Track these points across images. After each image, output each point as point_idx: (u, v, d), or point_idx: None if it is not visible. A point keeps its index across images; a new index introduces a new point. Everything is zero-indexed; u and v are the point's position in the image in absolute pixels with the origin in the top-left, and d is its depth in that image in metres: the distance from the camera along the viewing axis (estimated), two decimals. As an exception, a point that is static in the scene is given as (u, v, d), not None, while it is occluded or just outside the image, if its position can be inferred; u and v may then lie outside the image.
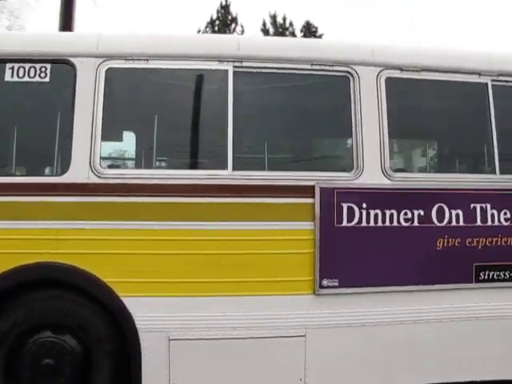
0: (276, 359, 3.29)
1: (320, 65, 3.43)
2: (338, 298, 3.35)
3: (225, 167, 3.29)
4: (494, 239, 3.51)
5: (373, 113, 3.45)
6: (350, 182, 3.42)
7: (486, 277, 3.48)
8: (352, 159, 3.45)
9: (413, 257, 3.45)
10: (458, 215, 3.48)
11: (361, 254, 3.40)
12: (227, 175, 3.30)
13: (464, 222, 3.48)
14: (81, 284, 3.13)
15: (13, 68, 3.19)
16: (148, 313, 3.17)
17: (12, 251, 3.03)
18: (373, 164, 3.42)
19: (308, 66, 3.44)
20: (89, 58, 3.22)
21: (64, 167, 3.22)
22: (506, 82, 3.65)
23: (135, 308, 3.15)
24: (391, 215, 3.41)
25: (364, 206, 3.37)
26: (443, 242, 3.46)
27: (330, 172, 3.53)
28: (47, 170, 3.64)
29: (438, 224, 3.45)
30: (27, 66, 3.19)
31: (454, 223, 3.47)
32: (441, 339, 3.44)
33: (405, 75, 3.56)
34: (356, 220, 3.37)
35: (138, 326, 3.15)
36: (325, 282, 3.32)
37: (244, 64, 3.38)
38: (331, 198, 3.34)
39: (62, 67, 3.26)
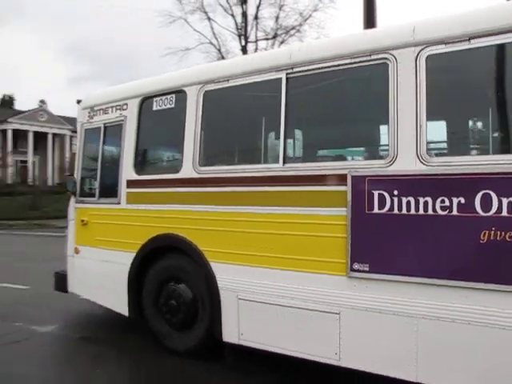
0: (313, 331, 3.73)
1: (359, 57, 3.59)
2: (368, 282, 3.47)
3: (277, 161, 3.97)
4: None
5: (410, 96, 3.33)
6: (382, 169, 3.44)
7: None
8: (387, 146, 3.45)
9: (450, 249, 3.14)
10: (510, 204, 2.95)
11: (392, 241, 3.38)
12: (279, 168, 3.95)
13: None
14: (187, 251, 4.45)
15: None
16: (225, 275, 4.20)
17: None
18: (408, 149, 3.32)
19: (349, 61, 3.64)
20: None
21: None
22: None
23: (217, 270, 4.23)
24: (425, 203, 3.21)
25: (396, 193, 3.33)
26: (489, 234, 3.01)
27: (364, 160, 3.62)
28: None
29: (483, 214, 3.02)
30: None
31: (504, 213, 2.95)
32: (472, 344, 3.04)
33: (449, 48, 3.24)
34: (387, 207, 3.37)
35: (218, 284, 4.22)
36: (356, 266, 3.52)
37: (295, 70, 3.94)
38: (362, 186, 3.48)
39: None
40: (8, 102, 53.21)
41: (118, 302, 5.12)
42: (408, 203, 3.30)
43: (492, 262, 3.01)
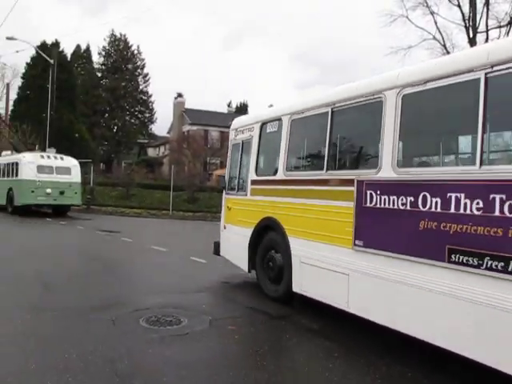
0: (330, 284, 5.70)
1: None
2: (368, 254, 5.12)
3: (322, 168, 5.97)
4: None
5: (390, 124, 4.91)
6: (372, 176, 5.11)
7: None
8: (377, 159, 5.09)
9: (407, 233, 4.65)
10: (430, 202, 4.39)
11: (375, 226, 5.07)
12: (323, 173, 5.92)
13: (443, 208, 4.26)
14: (275, 228, 6.74)
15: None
16: (295, 245, 6.36)
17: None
18: (387, 162, 4.92)
19: None
20: None
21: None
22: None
23: (291, 242, 6.42)
24: (393, 200, 4.80)
25: (378, 192, 4.99)
26: (424, 223, 4.45)
27: (364, 169, 5.43)
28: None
29: (422, 209, 4.47)
30: None
31: (433, 209, 4.37)
32: (419, 303, 4.50)
33: (413, 90, 4.79)
34: (374, 202, 5.03)
35: (291, 251, 6.35)
36: (357, 242, 5.25)
37: None
38: (361, 187, 5.21)
39: None
40: (242, 108, 61.83)
41: (242, 261, 7.75)
42: (385, 200, 4.91)
43: (425, 244, 4.44)
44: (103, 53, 57.62)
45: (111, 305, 6.35)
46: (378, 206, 4.97)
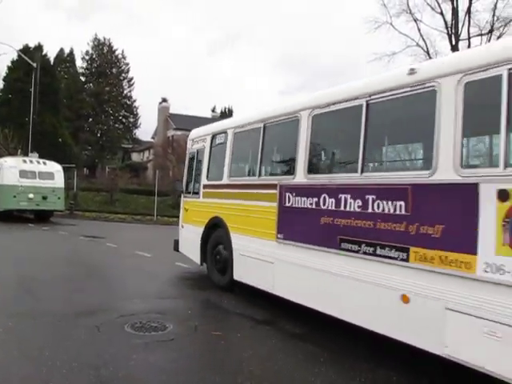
0: (261, 271, 6.78)
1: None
2: (286, 245, 6.23)
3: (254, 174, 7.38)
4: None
5: (303, 139, 6.12)
6: (290, 181, 6.26)
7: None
8: (294, 167, 6.23)
9: (317, 226, 5.67)
10: (329, 202, 5.52)
11: (291, 222, 6.22)
12: (256, 179, 7.22)
13: (336, 206, 5.41)
14: (221, 226, 7.95)
15: None
16: (235, 240, 7.51)
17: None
18: (301, 170, 6.07)
19: None
20: None
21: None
22: None
23: (232, 238, 7.55)
24: (304, 200, 5.93)
25: (294, 194, 6.11)
26: (324, 219, 5.58)
27: (285, 176, 6.59)
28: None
29: (322, 207, 5.62)
30: None
31: (336, 207, 5.42)
32: (323, 284, 5.56)
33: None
34: (291, 203, 6.16)
35: (232, 246, 7.57)
36: (279, 236, 6.38)
37: None
38: (282, 190, 6.35)
39: None
40: (226, 113, 61.59)
41: (196, 255, 8.84)
42: (298, 200, 6.03)
43: (324, 235, 5.55)
44: (87, 57, 57.27)
45: (96, 311, 6.30)
46: (294, 205, 6.13)
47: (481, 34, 38.49)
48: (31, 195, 20.05)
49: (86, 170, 50.14)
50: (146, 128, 73.34)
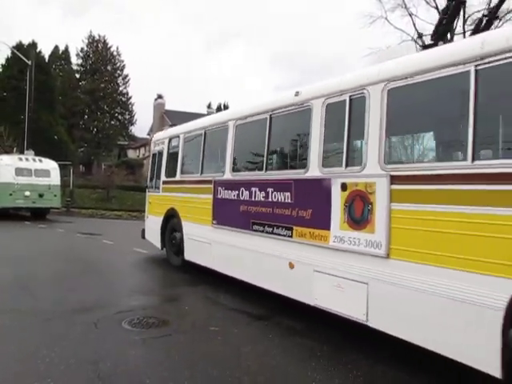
0: (203, 251, 8.23)
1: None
2: (219, 229, 7.70)
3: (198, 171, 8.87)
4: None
5: (229, 143, 7.62)
6: (221, 177, 7.72)
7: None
8: (224, 167, 7.64)
9: (238, 213, 7.15)
10: (245, 194, 6.99)
11: (222, 210, 7.69)
12: (199, 175, 8.73)
13: (250, 197, 6.87)
14: (176, 215, 9.49)
15: None
16: (185, 227, 9.04)
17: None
18: (228, 169, 7.51)
19: None
20: None
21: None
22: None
23: (183, 225, 9.11)
24: (230, 192, 7.42)
25: (223, 188, 7.60)
26: (243, 208, 7.07)
27: (218, 173, 7.84)
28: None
29: (246, 197, 6.97)
30: None
31: (243, 198, 7.04)
32: (247, 260, 7.03)
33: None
34: (221, 195, 7.65)
35: (183, 231, 9.11)
36: (213, 222, 7.89)
37: None
38: (215, 185, 7.84)
39: None
40: (222, 109, 61.52)
41: (157, 241, 10.36)
42: (226, 193, 7.50)
43: (242, 220, 7.03)
44: (81, 54, 56.96)
45: (93, 307, 6.31)
46: (223, 197, 7.60)
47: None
48: (27, 193, 19.99)
49: (82, 167, 49.97)
50: (142, 125, 73.15)
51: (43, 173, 20.95)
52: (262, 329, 5.70)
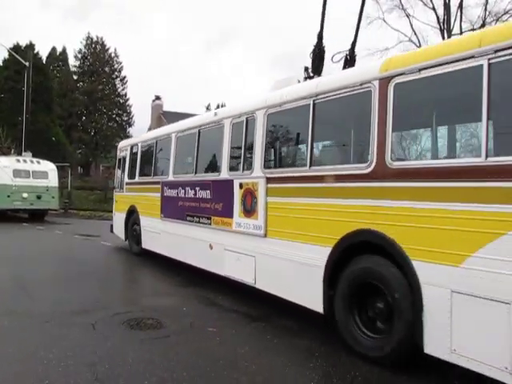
0: (155, 240, 10.09)
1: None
2: (165, 221, 9.46)
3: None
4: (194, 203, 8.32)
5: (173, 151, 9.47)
6: (166, 179, 9.41)
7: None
8: (168, 171, 9.39)
9: (177, 208, 8.81)
10: (182, 192, 8.69)
11: (167, 206, 9.36)
12: (152, 177, 10.81)
13: (185, 195, 8.58)
14: (135, 211, 11.74)
15: None
16: (142, 220, 11.28)
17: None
18: (171, 172, 9.22)
19: None
20: None
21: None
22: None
23: (141, 219, 11.15)
24: (172, 191, 9.09)
25: (168, 187, 9.29)
26: (180, 202, 8.80)
27: (164, 176, 9.59)
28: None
29: (182, 195, 8.66)
30: None
31: (181, 195, 8.75)
32: (183, 243, 8.79)
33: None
34: (166, 193, 9.36)
35: (141, 224, 11.12)
36: (162, 215, 9.58)
37: None
38: (162, 185, 9.53)
39: None
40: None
41: (122, 234, 12.24)
42: (169, 191, 9.20)
43: (180, 213, 8.75)
44: (79, 55, 56.95)
45: (91, 309, 6.32)
46: (168, 195, 9.32)
47: (473, 29, 38.37)
48: (25, 194, 19.99)
49: (80, 168, 49.97)
50: (140, 126, 72.76)
51: (41, 174, 20.94)
52: (259, 329, 5.71)
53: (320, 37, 7.04)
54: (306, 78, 6.79)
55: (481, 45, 3.86)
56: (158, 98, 55.82)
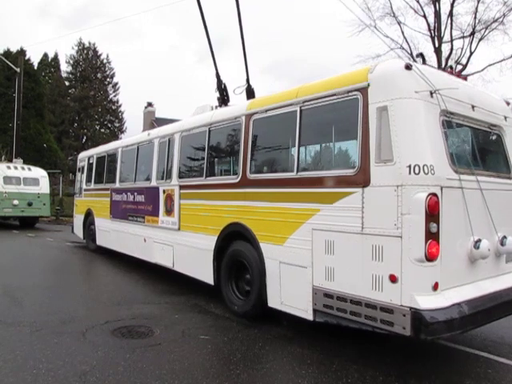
0: (106, 237, 11.96)
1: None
2: (114, 221, 11.32)
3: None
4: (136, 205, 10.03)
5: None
6: (113, 186, 11.38)
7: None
8: (115, 179, 11.52)
9: (122, 209, 10.71)
10: (125, 196, 10.55)
11: (114, 208, 11.23)
12: (103, 185, 12.53)
13: (127, 199, 10.43)
14: (91, 213, 13.64)
15: None
16: (97, 221, 12.99)
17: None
18: (118, 180, 11.18)
19: None
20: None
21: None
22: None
23: (95, 220, 13.01)
24: (118, 196, 11.00)
25: (115, 193, 11.20)
26: (123, 205, 10.67)
27: (112, 183, 11.47)
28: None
29: (125, 199, 10.54)
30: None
31: (124, 200, 10.62)
32: (126, 239, 10.61)
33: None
34: (114, 198, 11.26)
35: (95, 224, 12.98)
36: (111, 216, 11.45)
37: None
38: (111, 191, 11.42)
39: None
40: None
41: (80, 233, 14.06)
42: (116, 196, 11.13)
43: (123, 214, 10.62)
44: (71, 61, 56.89)
45: (81, 317, 6.26)
46: (115, 199, 11.16)
47: (463, 37, 38.81)
48: (16, 202, 19.83)
49: (71, 175, 49.60)
50: (133, 132, 72.66)
51: (32, 181, 20.80)
52: (252, 336, 5.68)
53: (218, 76, 8.67)
54: (217, 107, 8.47)
55: (297, 96, 5.66)
56: (150, 104, 55.74)
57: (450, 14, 38.93)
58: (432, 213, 4.22)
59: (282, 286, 5.72)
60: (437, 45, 39.32)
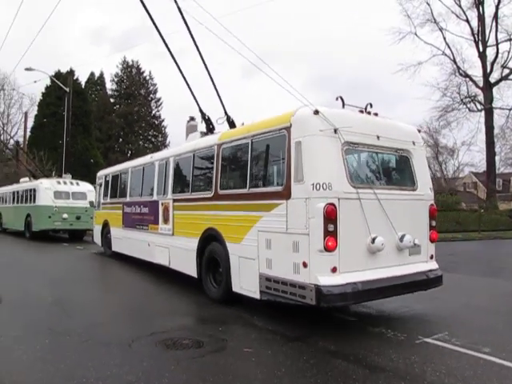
0: (120, 244, 13.95)
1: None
2: (125, 229, 13.28)
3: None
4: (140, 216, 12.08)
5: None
6: (125, 200, 13.39)
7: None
8: (126, 195, 13.67)
9: (131, 219, 12.64)
10: (134, 209, 12.54)
11: (126, 218, 13.15)
12: (117, 199, 14.67)
13: (135, 210, 12.40)
14: (108, 224, 15.64)
15: None
16: (112, 230, 14.99)
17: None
18: (128, 194, 13.27)
19: None
20: None
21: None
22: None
23: (111, 229, 15.06)
24: (128, 208, 12.96)
25: (126, 206, 13.23)
26: (133, 216, 12.60)
27: (124, 198, 13.54)
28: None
29: (134, 211, 12.51)
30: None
31: (133, 211, 12.59)
32: (136, 244, 12.52)
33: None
34: (125, 210, 13.23)
35: (111, 233, 15.15)
36: (123, 225, 13.37)
37: None
38: (123, 204, 13.48)
39: None
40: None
41: (99, 241, 15.94)
42: (127, 209, 13.09)
43: (133, 223, 12.54)
44: (116, 79, 58.82)
45: (128, 328, 6.40)
46: (126, 211, 13.04)
47: (510, 39, 37.41)
48: (65, 215, 20.51)
49: (117, 189, 51.10)
50: (175, 146, 73.99)
51: (80, 195, 21.47)
52: (296, 350, 5.62)
53: (200, 111, 10.34)
54: (205, 134, 10.05)
55: (249, 132, 7.46)
56: (192, 118, 56.33)
57: (495, 17, 37.65)
58: (329, 217, 5.74)
59: (240, 275, 7.34)
60: (481, 49, 38.04)
